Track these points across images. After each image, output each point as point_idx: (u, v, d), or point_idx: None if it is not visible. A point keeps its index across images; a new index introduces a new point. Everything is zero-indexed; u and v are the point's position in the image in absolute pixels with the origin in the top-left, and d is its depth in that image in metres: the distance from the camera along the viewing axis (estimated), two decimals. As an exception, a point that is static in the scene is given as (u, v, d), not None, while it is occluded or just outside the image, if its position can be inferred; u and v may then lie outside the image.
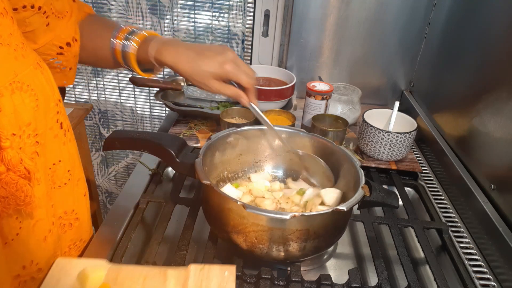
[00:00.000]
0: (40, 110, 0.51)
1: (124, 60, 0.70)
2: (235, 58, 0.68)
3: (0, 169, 0.46)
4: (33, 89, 0.50)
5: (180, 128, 1.06)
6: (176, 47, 0.67)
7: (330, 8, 1.21)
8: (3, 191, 0.46)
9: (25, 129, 0.49)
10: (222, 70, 0.66)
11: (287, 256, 0.64)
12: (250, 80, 0.68)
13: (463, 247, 0.76)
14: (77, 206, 0.64)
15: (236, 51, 1.49)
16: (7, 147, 0.46)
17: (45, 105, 0.53)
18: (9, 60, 0.48)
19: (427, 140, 1.09)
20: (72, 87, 1.68)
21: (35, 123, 0.51)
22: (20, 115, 0.48)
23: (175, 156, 0.70)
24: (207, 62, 0.65)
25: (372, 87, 1.33)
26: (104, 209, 1.91)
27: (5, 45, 0.47)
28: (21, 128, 0.48)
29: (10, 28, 0.49)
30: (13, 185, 0.47)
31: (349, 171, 0.73)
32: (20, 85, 0.48)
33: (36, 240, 0.54)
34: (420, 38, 1.24)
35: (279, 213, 0.59)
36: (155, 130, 1.73)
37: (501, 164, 0.78)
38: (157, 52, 0.66)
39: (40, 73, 0.53)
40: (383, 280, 0.64)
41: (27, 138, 0.49)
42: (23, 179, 0.48)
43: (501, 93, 0.81)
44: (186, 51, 0.66)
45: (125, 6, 1.45)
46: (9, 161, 0.46)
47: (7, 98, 0.46)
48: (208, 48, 0.68)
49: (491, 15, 0.89)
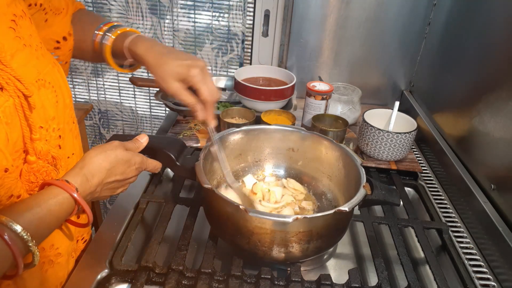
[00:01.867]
0: (59, 105, 0.56)
1: (101, 52, 0.71)
2: (204, 68, 0.65)
3: (32, 158, 0.51)
4: (53, 86, 0.55)
5: (180, 128, 1.06)
6: (151, 42, 0.67)
7: (330, 8, 1.21)
8: (33, 177, 0.52)
9: (50, 123, 0.54)
10: (187, 72, 0.63)
11: (290, 257, 0.64)
12: (210, 94, 0.64)
13: (463, 247, 0.76)
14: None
15: (236, 51, 1.49)
16: (37, 139, 0.51)
17: (62, 100, 0.57)
18: (32, 60, 0.52)
19: (427, 140, 1.09)
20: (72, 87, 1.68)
21: (57, 117, 0.56)
22: (46, 109, 0.53)
23: (175, 160, 0.70)
24: (175, 61, 0.64)
25: (372, 87, 1.33)
26: (104, 209, 1.91)
27: (28, 46, 0.52)
28: (47, 121, 0.54)
29: (29, 29, 0.53)
30: (43, 171, 0.53)
31: (349, 170, 0.73)
32: (43, 82, 0.53)
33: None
34: (420, 38, 1.24)
35: (281, 216, 0.59)
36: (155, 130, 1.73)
37: (501, 164, 0.78)
38: (131, 43, 0.66)
39: (57, 71, 0.57)
40: (383, 280, 0.64)
41: (52, 131, 0.55)
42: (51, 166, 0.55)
43: (501, 93, 0.81)
44: (160, 47, 0.66)
45: (125, 6, 1.45)
46: (40, 151, 0.52)
47: (36, 95, 0.51)
48: (183, 53, 0.67)
49: (491, 15, 0.89)
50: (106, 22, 0.71)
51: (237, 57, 1.50)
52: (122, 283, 0.64)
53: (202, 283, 0.62)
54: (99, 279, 0.63)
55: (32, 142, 0.51)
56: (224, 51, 1.50)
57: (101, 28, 0.70)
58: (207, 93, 0.64)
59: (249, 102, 1.10)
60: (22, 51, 0.51)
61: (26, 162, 0.51)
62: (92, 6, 1.48)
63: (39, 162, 0.53)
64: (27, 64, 0.51)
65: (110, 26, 0.71)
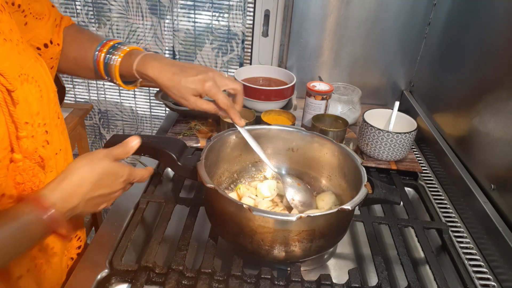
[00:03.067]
0: (44, 100, 0.55)
1: (107, 72, 0.71)
2: (216, 78, 0.69)
3: (17, 157, 0.49)
4: (36, 80, 0.54)
5: (180, 128, 1.06)
6: (159, 62, 0.68)
7: (330, 8, 1.21)
8: (20, 177, 0.50)
9: (35, 118, 0.52)
10: (202, 88, 0.67)
11: (292, 256, 0.64)
12: (226, 101, 0.69)
13: (463, 247, 0.76)
14: None
15: (236, 51, 1.49)
16: (23, 136, 0.49)
17: (47, 95, 0.56)
18: (13, 54, 0.51)
19: (427, 140, 1.09)
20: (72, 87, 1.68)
21: (42, 112, 0.54)
22: (30, 104, 0.52)
23: (177, 160, 0.70)
24: (188, 78, 0.67)
25: (372, 87, 1.33)
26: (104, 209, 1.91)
27: (8, 40, 0.50)
28: (32, 117, 0.52)
29: (9, 23, 0.52)
30: (29, 171, 0.51)
31: (349, 170, 0.73)
32: (26, 77, 0.52)
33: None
34: (420, 38, 1.24)
35: (285, 215, 0.59)
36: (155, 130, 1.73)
37: (501, 164, 0.78)
38: (140, 65, 0.68)
39: (40, 65, 0.56)
40: (383, 280, 0.64)
41: (38, 127, 0.53)
42: (38, 167, 0.53)
43: (501, 93, 0.81)
44: (169, 66, 0.68)
45: (125, 6, 1.45)
46: (26, 149, 0.50)
47: (19, 89, 0.50)
48: (191, 66, 0.70)
49: (491, 15, 0.89)
50: (103, 42, 0.72)
51: (237, 57, 1.50)
52: (122, 283, 0.64)
53: (202, 283, 0.62)
54: (99, 279, 0.63)
55: (18, 140, 0.49)
56: (224, 51, 1.50)
57: (101, 49, 0.70)
58: (222, 101, 0.69)
59: (249, 102, 1.10)
60: (2, 45, 0.49)
61: (12, 161, 0.50)
62: (92, 6, 1.48)
63: (26, 162, 0.51)
64: (8, 59, 0.50)
65: (110, 46, 0.71)
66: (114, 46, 0.71)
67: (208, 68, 0.70)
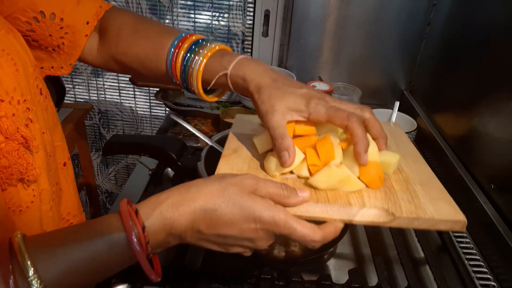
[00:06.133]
0: (20, 75, 0.48)
1: (184, 78, 0.56)
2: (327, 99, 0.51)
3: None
4: (8, 53, 0.47)
5: (180, 128, 1.06)
6: (257, 64, 0.53)
7: (330, 8, 1.21)
8: (4, 160, 0.44)
9: (13, 94, 0.46)
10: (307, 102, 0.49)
11: (292, 256, 0.64)
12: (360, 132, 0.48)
13: (463, 247, 0.76)
14: (58, 176, 0.59)
15: (236, 51, 1.49)
16: (1, 116, 0.44)
17: (24, 69, 0.49)
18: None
19: (427, 140, 1.09)
20: (72, 87, 1.69)
21: (20, 88, 0.47)
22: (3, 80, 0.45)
23: (177, 160, 0.70)
24: (291, 88, 0.51)
25: (372, 87, 1.33)
26: (104, 209, 1.91)
27: None
28: (8, 93, 0.45)
29: None
30: (14, 153, 0.45)
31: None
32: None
33: (45, 209, 0.52)
34: (420, 38, 1.24)
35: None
36: (155, 130, 1.73)
37: (501, 164, 0.78)
38: (237, 68, 0.53)
39: (13, 37, 0.49)
40: (383, 280, 0.64)
41: (17, 104, 0.47)
42: (23, 148, 0.46)
43: (501, 93, 0.81)
44: (270, 71, 0.53)
45: (125, 6, 1.45)
46: (6, 130, 0.44)
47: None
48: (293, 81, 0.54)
49: (491, 15, 0.89)
50: (181, 36, 0.56)
51: (237, 57, 1.50)
52: (122, 283, 0.64)
53: (202, 283, 0.62)
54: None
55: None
56: (224, 51, 1.50)
57: (179, 45, 0.55)
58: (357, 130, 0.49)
59: (249, 102, 1.10)
60: None
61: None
62: (92, 6, 1.48)
63: (9, 143, 0.45)
64: None
65: (192, 41, 0.56)
66: (197, 42, 0.56)
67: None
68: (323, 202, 0.46)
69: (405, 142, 0.58)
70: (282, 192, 0.43)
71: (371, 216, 0.45)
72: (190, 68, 0.55)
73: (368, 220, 0.45)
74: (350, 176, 0.47)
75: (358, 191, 0.48)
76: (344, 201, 0.46)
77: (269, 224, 0.41)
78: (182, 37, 0.56)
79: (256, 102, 0.51)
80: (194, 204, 0.40)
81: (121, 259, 0.39)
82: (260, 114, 0.51)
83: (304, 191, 0.44)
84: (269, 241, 0.44)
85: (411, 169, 0.52)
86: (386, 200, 0.46)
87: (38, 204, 0.51)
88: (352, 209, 0.45)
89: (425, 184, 0.49)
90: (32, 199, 0.49)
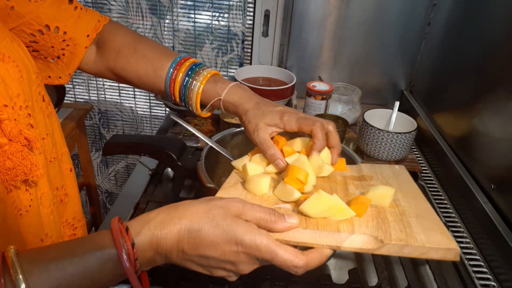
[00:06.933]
0: (24, 81, 0.50)
1: (183, 97, 0.65)
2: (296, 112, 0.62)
3: (3, 140, 0.45)
4: (14, 60, 0.48)
5: (180, 128, 1.06)
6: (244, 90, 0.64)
7: (330, 8, 1.21)
8: (9, 162, 0.45)
9: (16, 100, 0.48)
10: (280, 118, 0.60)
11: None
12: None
13: (463, 247, 0.76)
14: (65, 181, 0.61)
15: (236, 51, 1.49)
16: (4, 118, 0.45)
17: (27, 76, 0.51)
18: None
19: (427, 140, 1.09)
20: (72, 87, 1.68)
21: (23, 94, 0.49)
22: (8, 85, 0.47)
23: (177, 160, 0.70)
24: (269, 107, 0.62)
25: (372, 87, 1.33)
26: (104, 209, 1.91)
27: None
28: (12, 99, 0.47)
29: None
30: (18, 155, 0.46)
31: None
32: (2, 57, 0.47)
33: (46, 212, 0.53)
34: (420, 38, 1.24)
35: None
36: (155, 130, 1.73)
37: (501, 164, 0.78)
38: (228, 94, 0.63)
39: (17, 45, 0.51)
40: (383, 280, 0.64)
41: (20, 109, 0.48)
42: (27, 149, 0.47)
43: (501, 93, 0.81)
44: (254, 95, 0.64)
45: (125, 6, 1.45)
46: (10, 132, 0.45)
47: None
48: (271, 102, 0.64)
49: (491, 15, 0.89)
50: (179, 59, 0.64)
51: (237, 57, 1.50)
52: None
53: (202, 283, 0.62)
54: (99, 279, 0.63)
55: (0, 123, 0.45)
56: (224, 51, 1.50)
57: (178, 68, 0.63)
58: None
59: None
60: None
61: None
62: (92, 6, 1.48)
63: (12, 145, 0.46)
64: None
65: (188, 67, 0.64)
66: (192, 68, 0.64)
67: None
68: (312, 228, 0.45)
69: (408, 181, 0.58)
70: (269, 217, 0.43)
71: (360, 242, 0.44)
72: (189, 89, 0.63)
73: (356, 246, 0.44)
74: (340, 203, 0.47)
75: (349, 220, 0.47)
76: (333, 228, 0.46)
77: (251, 248, 0.41)
78: (178, 61, 0.64)
79: (244, 122, 0.61)
80: (180, 223, 0.41)
81: (112, 275, 0.39)
82: (248, 132, 0.61)
83: (292, 217, 0.45)
84: (252, 266, 0.44)
85: (409, 204, 0.52)
86: (377, 229, 0.46)
87: (37, 207, 0.51)
88: (341, 235, 0.45)
89: (421, 217, 0.49)
90: (30, 203, 0.50)
